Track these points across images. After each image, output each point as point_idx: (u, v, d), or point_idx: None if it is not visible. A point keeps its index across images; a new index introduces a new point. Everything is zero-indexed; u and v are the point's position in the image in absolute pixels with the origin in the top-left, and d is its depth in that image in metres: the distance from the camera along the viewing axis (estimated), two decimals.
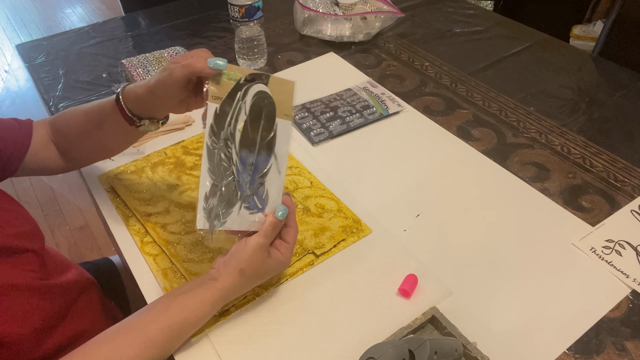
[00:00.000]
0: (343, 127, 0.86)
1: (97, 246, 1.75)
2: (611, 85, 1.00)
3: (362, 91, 0.94)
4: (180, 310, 0.54)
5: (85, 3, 3.31)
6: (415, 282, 0.62)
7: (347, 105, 0.90)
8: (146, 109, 0.61)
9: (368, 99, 0.92)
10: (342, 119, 0.87)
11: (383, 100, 0.92)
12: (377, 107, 0.90)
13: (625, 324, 0.60)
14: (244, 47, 1.00)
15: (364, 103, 0.90)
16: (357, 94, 0.93)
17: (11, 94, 2.51)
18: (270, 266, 0.58)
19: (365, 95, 0.93)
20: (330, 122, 0.86)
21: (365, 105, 0.90)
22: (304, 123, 0.86)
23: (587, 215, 0.73)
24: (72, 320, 0.63)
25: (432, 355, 0.48)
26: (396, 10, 1.13)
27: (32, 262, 0.59)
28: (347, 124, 0.86)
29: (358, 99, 0.92)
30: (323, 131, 0.85)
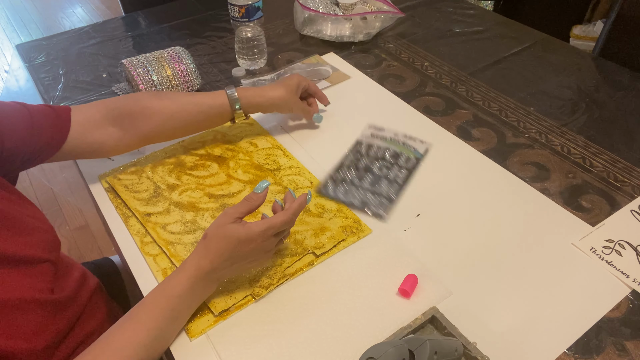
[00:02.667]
0: (396, 186, 0.76)
1: (97, 246, 1.75)
2: (611, 85, 1.00)
3: (374, 139, 0.84)
4: (161, 288, 0.55)
5: (85, 3, 3.31)
6: (415, 282, 0.62)
7: (375, 160, 0.80)
8: (252, 110, 0.80)
9: (388, 146, 0.82)
10: (386, 178, 0.77)
11: (404, 142, 0.83)
12: (405, 152, 0.81)
13: (625, 324, 0.60)
14: (244, 47, 1.00)
15: (391, 152, 0.81)
16: (373, 145, 0.83)
17: (11, 94, 2.51)
18: (234, 231, 0.55)
19: (380, 142, 0.83)
20: (377, 185, 0.76)
21: (394, 154, 0.81)
22: (354, 200, 0.73)
23: (587, 215, 0.73)
24: (81, 326, 0.62)
25: (432, 355, 0.48)
26: (396, 10, 1.13)
27: (48, 273, 0.58)
28: (396, 182, 0.76)
29: (379, 150, 0.82)
30: (381, 200, 0.74)
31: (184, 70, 0.91)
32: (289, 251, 0.66)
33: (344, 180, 0.77)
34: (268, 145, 0.84)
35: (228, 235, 0.55)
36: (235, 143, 0.84)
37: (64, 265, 0.65)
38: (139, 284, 0.64)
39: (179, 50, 0.92)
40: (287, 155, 0.82)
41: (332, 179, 0.77)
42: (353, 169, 0.79)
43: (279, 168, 0.79)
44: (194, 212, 0.72)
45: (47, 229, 0.61)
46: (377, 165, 0.79)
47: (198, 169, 0.79)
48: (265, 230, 0.56)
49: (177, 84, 0.91)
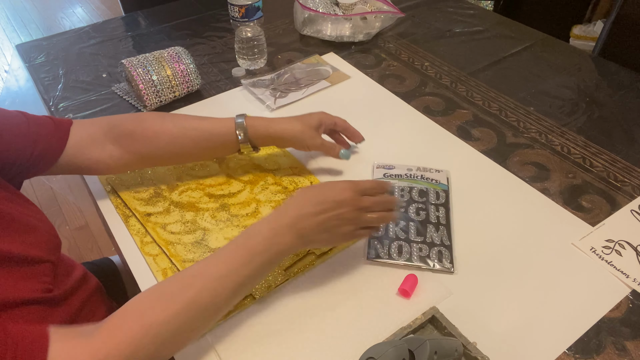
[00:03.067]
0: (443, 229, 0.69)
1: (97, 246, 1.75)
2: (611, 85, 1.00)
3: (390, 180, 0.77)
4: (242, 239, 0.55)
5: (85, 3, 3.31)
6: (415, 282, 0.62)
7: (407, 204, 0.73)
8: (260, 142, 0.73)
9: (410, 185, 0.75)
10: (430, 222, 0.70)
11: (423, 176, 0.77)
12: (430, 186, 0.75)
13: (625, 324, 0.60)
14: (244, 47, 1.00)
15: (416, 190, 0.74)
16: (396, 187, 0.75)
17: (11, 94, 2.51)
18: (325, 183, 0.58)
19: (398, 182, 0.76)
20: (425, 233, 0.69)
21: (420, 192, 0.74)
22: (412, 257, 0.66)
23: (587, 215, 0.73)
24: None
25: (432, 355, 0.48)
26: (396, 10, 1.13)
27: (48, 273, 0.57)
28: (440, 223, 0.70)
29: (403, 191, 0.75)
30: (441, 250, 0.67)
31: (184, 70, 0.91)
32: None
33: (387, 237, 0.68)
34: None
35: (315, 191, 0.57)
36: None
37: (65, 265, 0.65)
38: (139, 284, 0.64)
39: (179, 50, 0.92)
40: (287, 155, 0.82)
41: (376, 239, 0.68)
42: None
43: (279, 168, 0.79)
44: (194, 212, 0.72)
45: (48, 229, 0.61)
46: (412, 209, 0.72)
47: (198, 169, 0.79)
48: (351, 187, 0.57)
49: (177, 84, 0.91)
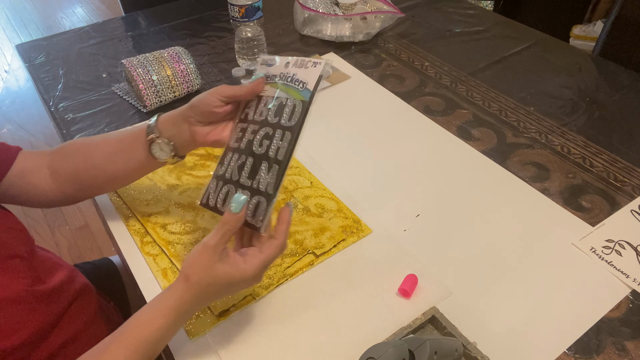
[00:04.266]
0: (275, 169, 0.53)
1: (97, 246, 1.75)
2: (611, 85, 1.00)
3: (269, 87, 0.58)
4: (136, 325, 0.51)
5: (85, 3, 3.31)
6: (415, 282, 0.62)
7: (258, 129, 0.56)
8: (173, 128, 0.60)
9: (275, 93, 0.57)
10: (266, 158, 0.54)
11: (292, 76, 0.56)
12: (292, 94, 0.55)
13: (625, 324, 0.60)
14: (244, 47, 1.00)
15: (275, 106, 0.56)
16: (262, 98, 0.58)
17: (11, 94, 2.51)
18: (223, 273, 0.49)
19: (270, 90, 0.57)
20: (256, 175, 0.54)
21: (279, 108, 0.55)
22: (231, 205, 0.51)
23: (587, 215, 0.73)
24: (64, 326, 0.62)
25: (432, 355, 0.48)
26: (396, 10, 1.13)
27: (20, 269, 0.57)
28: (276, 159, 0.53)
29: (265, 107, 0.57)
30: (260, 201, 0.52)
31: (184, 70, 0.91)
32: (289, 251, 0.66)
33: (224, 177, 0.56)
34: None
35: (218, 279, 0.50)
36: None
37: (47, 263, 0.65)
38: (139, 284, 0.64)
39: (179, 50, 0.92)
40: None
41: (216, 178, 0.58)
42: (236, 152, 0.57)
43: None
44: (194, 212, 0.72)
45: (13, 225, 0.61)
46: (259, 136, 0.55)
47: (198, 169, 0.79)
48: (262, 269, 0.51)
49: (177, 84, 0.91)
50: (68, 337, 0.62)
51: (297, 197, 0.74)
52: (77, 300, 0.66)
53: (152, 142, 0.60)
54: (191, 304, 0.51)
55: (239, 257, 0.51)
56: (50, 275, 0.63)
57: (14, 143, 0.66)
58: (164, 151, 0.61)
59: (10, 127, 2.26)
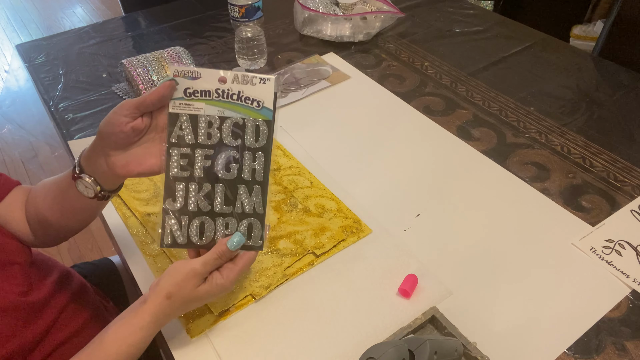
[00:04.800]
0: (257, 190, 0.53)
1: (97, 246, 1.75)
2: (611, 85, 1.00)
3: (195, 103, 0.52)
4: (113, 340, 0.51)
5: (85, 3, 3.31)
6: (415, 282, 0.62)
7: (219, 153, 0.52)
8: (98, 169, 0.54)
9: (225, 113, 0.52)
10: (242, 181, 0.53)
11: (240, 94, 0.52)
12: (249, 114, 0.52)
13: (625, 324, 0.60)
14: (244, 47, 1.00)
15: (229, 124, 0.52)
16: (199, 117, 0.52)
17: (11, 94, 2.51)
18: (205, 292, 0.52)
19: (209, 107, 0.52)
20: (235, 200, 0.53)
21: (236, 127, 0.52)
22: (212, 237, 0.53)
23: (587, 215, 0.73)
24: (58, 330, 0.62)
25: (432, 355, 0.48)
26: (396, 10, 1.13)
27: (16, 276, 0.58)
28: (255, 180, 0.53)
29: (211, 125, 0.52)
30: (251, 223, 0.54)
31: None
32: (289, 251, 0.66)
33: (189, 211, 0.53)
34: None
35: (198, 297, 0.52)
36: None
37: (42, 267, 0.65)
38: (138, 284, 0.64)
39: (179, 50, 0.92)
40: (287, 155, 0.82)
41: (174, 213, 0.52)
42: (191, 182, 0.52)
43: (279, 168, 0.79)
44: None
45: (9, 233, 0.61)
46: (221, 160, 0.52)
47: None
48: (237, 279, 0.54)
49: None
50: (62, 339, 0.62)
51: (297, 197, 0.74)
52: (71, 304, 0.66)
53: (76, 180, 0.54)
54: (169, 316, 0.53)
55: (216, 274, 0.53)
56: (43, 282, 0.63)
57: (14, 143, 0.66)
58: (89, 188, 0.54)
59: (10, 127, 2.26)
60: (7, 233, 0.60)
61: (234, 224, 0.53)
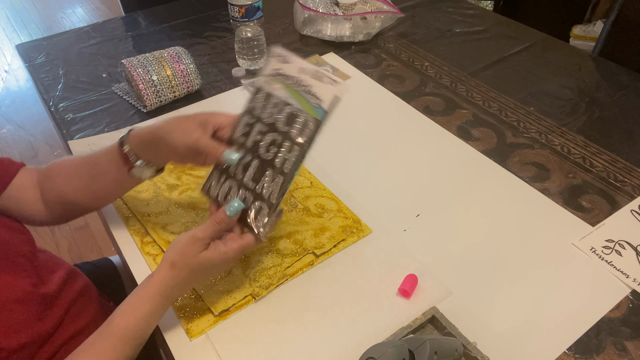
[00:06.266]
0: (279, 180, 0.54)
1: (97, 246, 1.75)
2: (611, 85, 1.00)
3: (276, 83, 0.58)
4: (121, 314, 0.53)
5: (85, 3, 3.31)
6: (415, 282, 0.62)
7: (268, 133, 0.56)
8: (149, 151, 0.60)
9: (287, 99, 0.57)
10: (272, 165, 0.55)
11: (307, 87, 0.56)
12: (305, 108, 0.56)
13: (625, 324, 0.60)
14: (244, 47, 1.00)
15: (287, 112, 0.56)
16: (272, 97, 0.58)
17: (11, 94, 2.51)
18: (207, 259, 0.53)
19: (281, 90, 0.57)
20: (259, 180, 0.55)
21: (290, 116, 0.56)
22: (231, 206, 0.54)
23: (587, 215, 0.73)
24: (67, 326, 0.62)
25: (432, 355, 0.48)
26: (396, 10, 1.13)
27: (25, 268, 0.58)
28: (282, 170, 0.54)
29: (275, 108, 0.57)
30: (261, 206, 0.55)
31: (184, 70, 0.91)
32: (289, 251, 0.66)
33: (228, 172, 0.57)
34: None
35: (203, 266, 0.53)
36: None
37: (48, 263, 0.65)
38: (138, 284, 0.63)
39: (179, 50, 0.92)
40: None
41: (219, 170, 0.59)
42: (242, 149, 0.57)
43: None
44: (194, 212, 0.72)
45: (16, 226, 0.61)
46: (267, 140, 0.56)
47: (198, 169, 0.79)
48: (240, 252, 0.54)
49: (177, 84, 0.91)
50: (70, 335, 0.62)
51: (297, 197, 0.74)
52: (79, 300, 0.66)
53: (132, 168, 0.60)
54: (176, 287, 0.54)
55: (219, 242, 0.54)
56: (51, 276, 0.64)
57: (14, 143, 0.66)
58: (146, 172, 0.61)
59: (10, 127, 2.26)
60: (11, 226, 0.60)
61: (249, 200, 0.55)
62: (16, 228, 0.61)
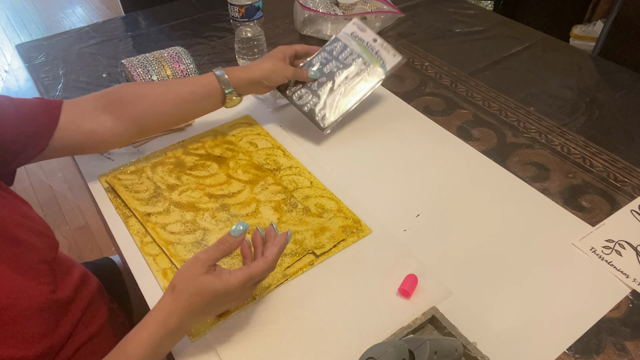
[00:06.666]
0: (348, 101, 0.82)
1: (97, 246, 1.75)
2: (611, 85, 1.00)
3: (351, 40, 0.87)
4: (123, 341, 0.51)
5: (85, 3, 3.31)
6: (415, 282, 0.62)
7: (342, 69, 0.84)
8: (246, 90, 0.79)
9: (362, 53, 0.85)
10: (344, 90, 0.83)
11: (377, 51, 0.85)
12: (373, 63, 0.84)
13: (625, 324, 0.60)
14: (244, 47, 1.00)
15: (359, 61, 0.85)
16: (347, 47, 0.86)
17: (11, 94, 2.49)
18: (208, 283, 0.50)
19: (356, 46, 0.86)
20: (332, 95, 0.83)
21: (363, 63, 0.85)
22: (305, 105, 0.82)
23: (587, 215, 0.73)
24: (83, 329, 0.62)
25: (432, 355, 0.48)
26: (396, 10, 1.13)
27: (45, 274, 0.57)
28: (351, 96, 0.83)
29: (350, 56, 0.85)
30: (325, 114, 0.81)
31: (184, 70, 0.91)
32: (289, 251, 0.66)
33: (304, 84, 0.83)
34: (268, 145, 0.84)
35: (201, 290, 0.50)
36: (235, 143, 0.84)
37: (63, 265, 0.65)
38: (139, 284, 0.64)
39: (179, 50, 0.92)
40: (287, 155, 0.82)
41: (295, 85, 0.84)
42: (319, 71, 0.84)
43: (279, 168, 0.79)
44: (194, 212, 0.72)
45: (43, 230, 0.60)
46: (342, 74, 0.83)
47: (198, 169, 0.79)
48: (245, 282, 0.51)
49: None
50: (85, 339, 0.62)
51: (297, 197, 0.74)
52: (92, 303, 0.66)
53: (229, 99, 0.76)
54: (178, 315, 0.50)
55: (224, 270, 0.52)
56: (65, 280, 0.63)
57: None
58: (236, 102, 0.78)
59: None
60: (37, 231, 0.59)
61: (319, 105, 0.81)
62: (43, 232, 0.60)
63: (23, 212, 0.59)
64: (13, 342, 0.50)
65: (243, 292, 0.53)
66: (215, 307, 0.53)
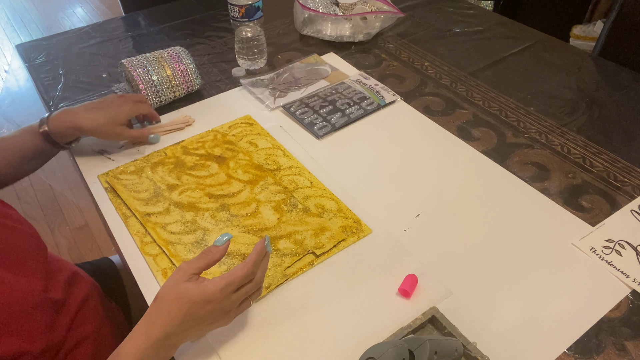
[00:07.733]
0: (344, 119, 0.89)
1: (97, 246, 1.75)
2: (611, 85, 1.00)
3: (355, 84, 0.97)
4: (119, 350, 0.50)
5: (85, 3, 3.31)
6: (415, 282, 0.62)
7: (344, 98, 0.93)
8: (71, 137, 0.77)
9: (363, 91, 0.95)
10: (342, 112, 0.90)
11: (377, 91, 0.95)
12: (374, 98, 0.93)
13: (625, 324, 0.60)
14: (244, 47, 1.00)
15: (360, 95, 0.94)
16: (351, 87, 0.96)
17: (11, 94, 2.51)
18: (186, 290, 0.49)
19: (359, 87, 0.96)
20: (331, 115, 0.89)
21: (362, 97, 0.93)
22: (306, 118, 0.89)
23: (587, 215, 0.73)
24: (76, 330, 0.63)
25: (432, 355, 0.48)
26: (396, 10, 1.13)
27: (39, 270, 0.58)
28: (348, 116, 0.89)
29: (354, 92, 0.95)
30: (326, 124, 0.87)
31: (184, 70, 0.91)
32: (289, 251, 0.66)
33: (308, 104, 0.91)
34: (268, 145, 0.84)
35: (180, 296, 0.49)
36: (235, 143, 0.84)
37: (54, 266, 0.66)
38: (139, 284, 0.64)
39: (179, 50, 0.92)
40: (287, 155, 0.82)
41: (300, 101, 0.92)
42: (321, 99, 0.93)
43: (279, 168, 0.79)
44: (194, 212, 0.72)
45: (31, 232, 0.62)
46: (342, 101, 0.92)
47: (198, 169, 0.79)
48: (223, 288, 0.50)
49: (177, 84, 0.91)
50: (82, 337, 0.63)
51: (297, 197, 0.74)
52: (84, 306, 0.66)
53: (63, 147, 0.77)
54: (159, 324, 0.49)
55: (205, 278, 0.51)
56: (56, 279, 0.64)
57: None
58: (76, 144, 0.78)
59: (10, 127, 2.26)
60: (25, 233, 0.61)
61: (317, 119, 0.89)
62: (31, 234, 0.62)
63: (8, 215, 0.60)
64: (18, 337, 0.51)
65: (224, 300, 0.50)
66: (198, 319, 0.50)
